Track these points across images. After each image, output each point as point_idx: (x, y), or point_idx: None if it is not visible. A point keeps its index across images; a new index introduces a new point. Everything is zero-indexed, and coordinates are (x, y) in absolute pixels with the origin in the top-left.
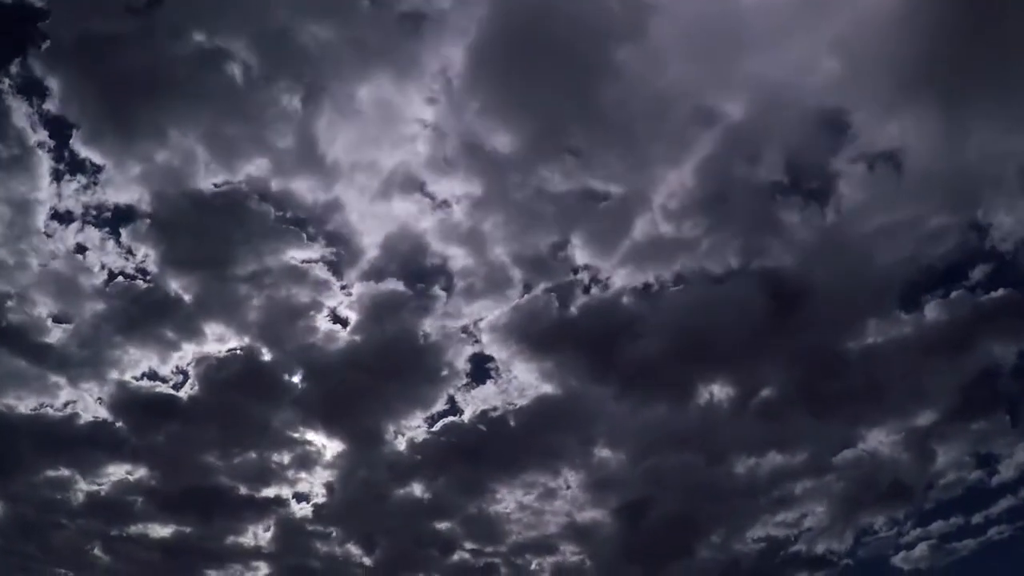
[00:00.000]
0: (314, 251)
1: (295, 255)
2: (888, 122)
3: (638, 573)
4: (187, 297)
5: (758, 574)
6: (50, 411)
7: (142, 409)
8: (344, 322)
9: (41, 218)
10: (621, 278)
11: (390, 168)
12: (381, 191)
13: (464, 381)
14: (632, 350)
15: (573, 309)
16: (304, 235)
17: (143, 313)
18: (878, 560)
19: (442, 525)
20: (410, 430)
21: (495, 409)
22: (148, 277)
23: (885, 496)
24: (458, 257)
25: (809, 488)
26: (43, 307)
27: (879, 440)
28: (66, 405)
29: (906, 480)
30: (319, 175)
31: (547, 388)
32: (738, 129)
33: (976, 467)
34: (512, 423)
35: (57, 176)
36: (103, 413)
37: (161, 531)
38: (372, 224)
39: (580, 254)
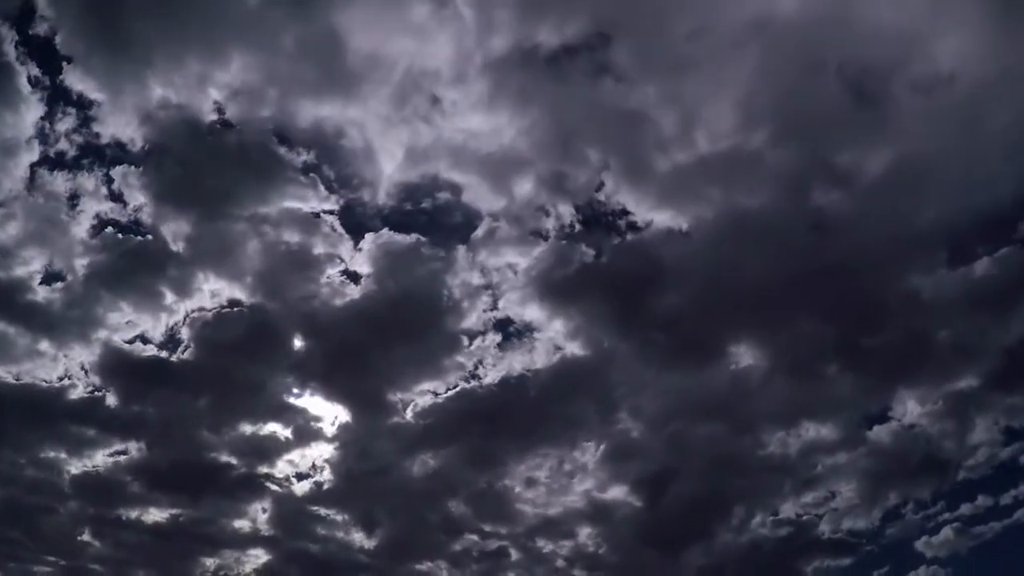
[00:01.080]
0: (322, 194)
1: (301, 199)
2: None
3: (655, 558)
4: (182, 246)
5: (778, 559)
6: (35, 380)
7: (133, 376)
8: (353, 276)
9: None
10: (656, 218)
11: (409, 94)
12: (398, 116)
13: (481, 342)
14: (663, 302)
15: (603, 254)
16: (313, 176)
17: (135, 267)
18: (901, 544)
19: (451, 504)
20: (420, 396)
21: (513, 374)
22: (142, 227)
23: (917, 471)
24: (480, 196)
25: (839, 464)
26: (29, 264)
27: (915, 410)
28: (53, 372)
29: (940, 455)
30: (331, 98)
31: (570, 348)
32: (794, 40)
33: (1006, 443)
34: (531, 389)
35: (48, 115)
36: (93, 380)
37: (155, 514)
38: (386, 161)
39: (614, 188)
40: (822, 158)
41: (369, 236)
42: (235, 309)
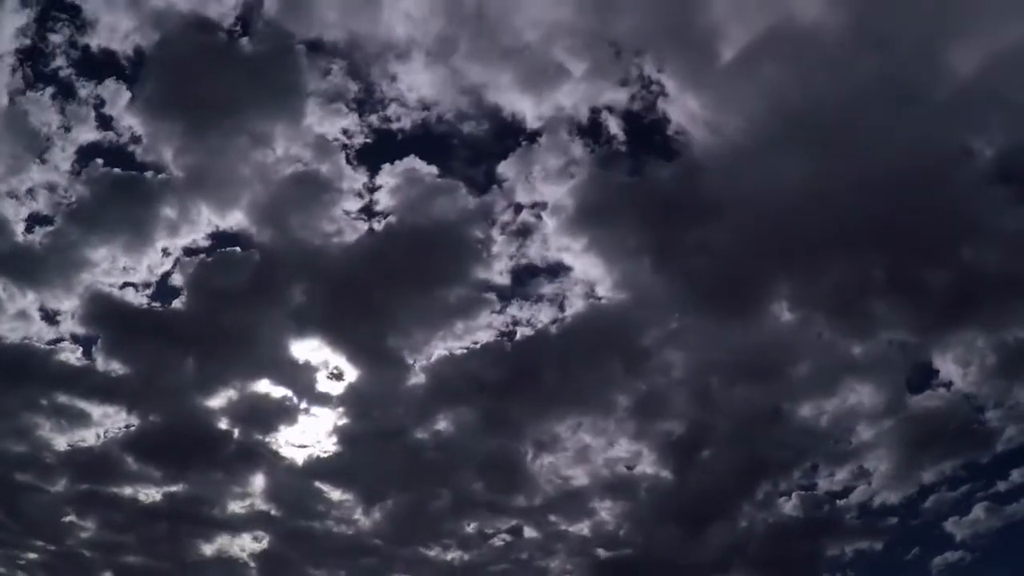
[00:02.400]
0: (341, 112)
1: (317, 118)
2: None
3: (678, 535)
4: (179, 174)
5: (802, 540)
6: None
7: (124, 331)
8: (367, 212)
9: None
10: (709, 136)
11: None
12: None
13: (505, 291)
14: (706, 233)
15: (647, 176)
16: (333, 92)
17: (126, 200)
18: (931, 526)
19: (463, 476)
20: (434, 351)
21: (537, 326)
22: (134, 152)
23: (955, 438)
24: (516, 115)
25: (875, 434)
26: (10, 205)
27: (957, 372)
28: (33, 328)
29: (980, 421)
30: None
31: (602, 290)
32: None
33: None
34: (556, 344)
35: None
36: (79, 333)
37: (149, 493)
38: (416, 77)
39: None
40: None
41: (387, 167)
42: (234, 249)
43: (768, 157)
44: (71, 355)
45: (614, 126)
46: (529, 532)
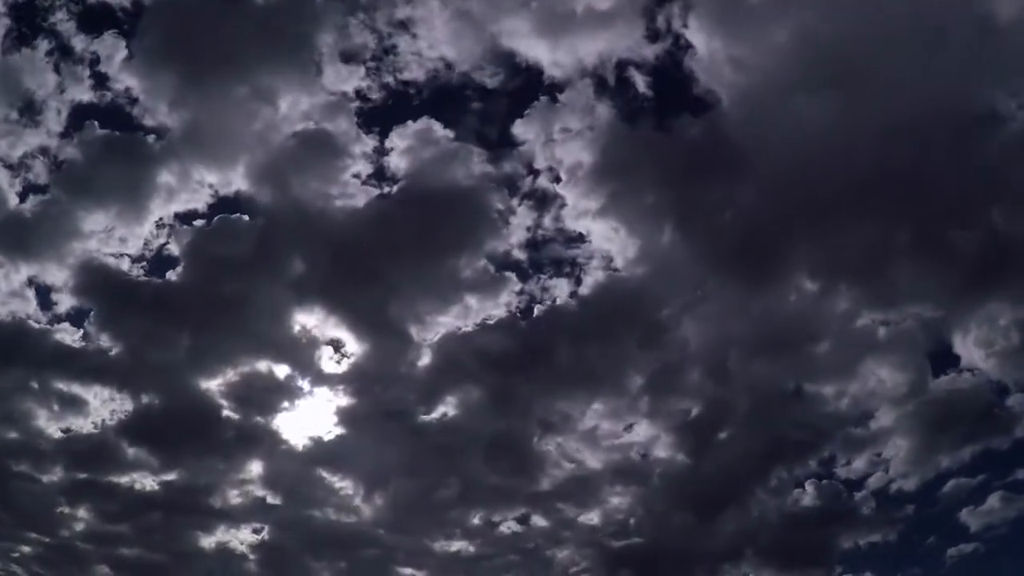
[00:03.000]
0: (351, 68)
1: (326, 74)
2: None
3: (690, 523)
4: (178, 135)
5: (816, 529)
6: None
7: (118, 304)
8: (377, 176)
9: None
10: (733, 78)
11: None
12: None
13: (519, 263)
14: (732, 193)
15: (673, 132)
16: (344, 44)
17: (121, 163)
18: (946, 515)
19: (469, 462)
20: (442, 327)
21: (553, 301)
22: (131, 112)
23: (974, 423)
24: (538, 67)
25: (895, 418)
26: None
27: (978, 353)
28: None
29: (1000, 404)
30: None
31: (620, 259)
32: None
33: None
34: (572, 319)
35: None
36: (70, 304)
37: (146, 480)
38: (433, 30)
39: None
40: None
41: (400, 128)
42: (234, 216)
43: (793, 100)
44: (64, 334)
45: (637, 77)
46: (538, 521)
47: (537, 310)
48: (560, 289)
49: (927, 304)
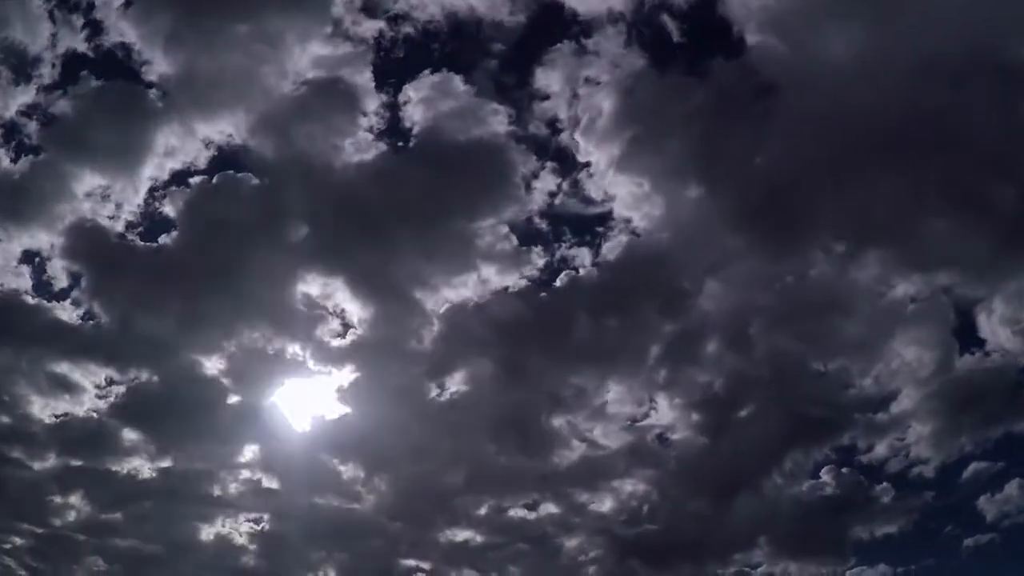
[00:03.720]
0: (361, 13)
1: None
2: None
3: (705, 508)
4: (176, 86)
5: (833, 514)
6: None
7: (109, 271)
8: (390, 133)
9: None
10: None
11: None
12: None
13: (537, 227)
14: (759, 139)
15: (707, 76)
16: None
17: (116, 117)
18: (964, 503)
19: (477, 443)
20: (453, 295)
21: (573, 265)
22: (125, 62)
23: (997, 406)
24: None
25: (918, 397)
26: None
27: (1006, 330)
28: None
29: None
30: None
31: (642, 218)
32: None
33: None
34: (589, 288)
35: None
36: (60, 271)
37: (139, 466)
38: None
39: None
40: None
41: (416, 79)
42: (235, 173)
43: (825, 34)
44: (58, 309)
45: (668, 21)
46: (548, 507)
47: (555, 279)
48: (581, 257)
49: (957, 269)
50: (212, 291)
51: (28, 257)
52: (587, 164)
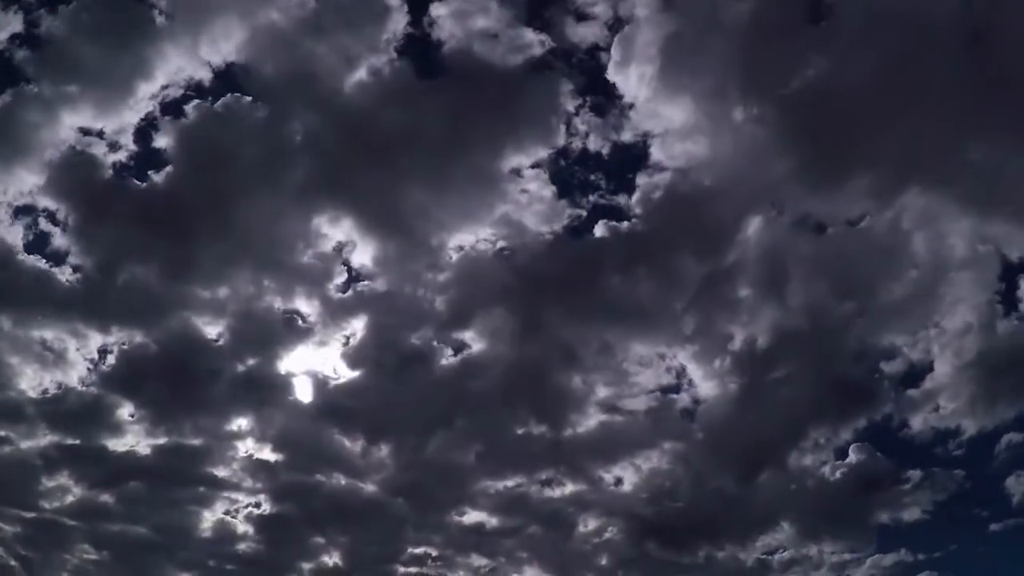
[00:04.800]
0: None
1: None
2: None
3: (730, 483)
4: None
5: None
6: None
7: (96, 211)
8: (411, 51)
9: None
10: None
11: None
12: None
13: (561, 160)
14: (815, 62)
15: None
16: None
17: (108, 36)
18: (991, 484)
19: (491, 410)
20: (469, 239)
21: (602, 213)
22: None
23: None
24: None
25: (954, 367)
26: None
27: None
28: None
29: None
30: None
31: (685, 143)
32: None
33: None
34: (622, 235)
35: None
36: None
37: (133, 443)
38: None
39: None
40: None
41: None
42: (234, 98)
43: None
44: (37, 260)
45: None
46: (565, 487)
47: (584, 225)
48: (614, 203)
49: (1009, 215)
50: (210, 235)
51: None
52: (625, 96)
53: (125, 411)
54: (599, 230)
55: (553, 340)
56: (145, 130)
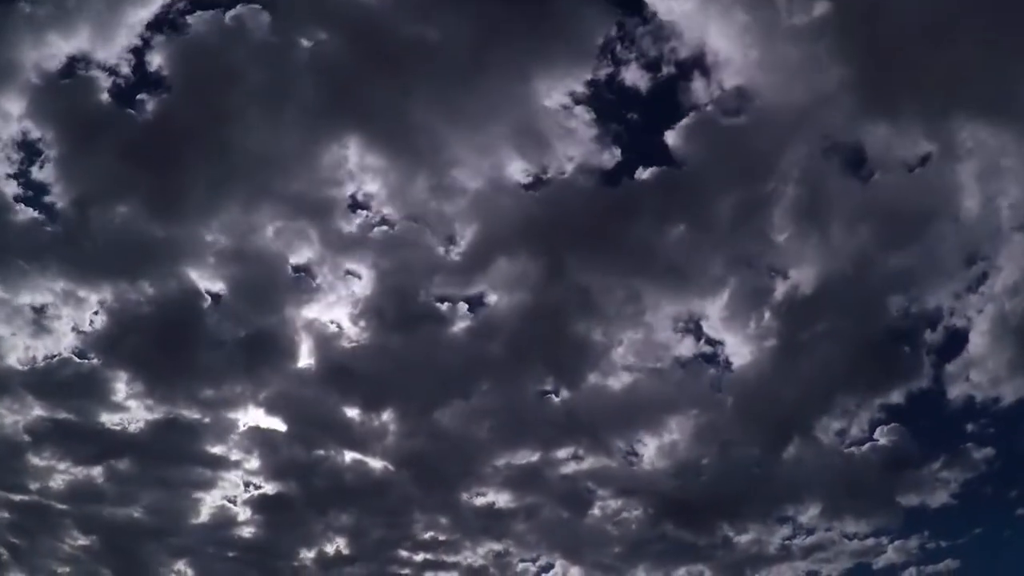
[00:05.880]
0: None
1: None
2: None
3: (756, 456)
4: None
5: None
6: None
7: (83, 141)
8: None
9: None
10: None
11: None
12: None
13: (605, 91)
14: None
15: None
16: None
17: None
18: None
19: (509, 375)
20: (495, 175)
21: (642, 150)
22: None
23: None
24: None
25: (993, 324)
26: None
27: None
28: None
29: None
30: None
31: (727, 84)
32: None
33: None
34: (660, 175)
35: None
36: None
37: (125, 417)
38: None
39: None
40: None
41: None
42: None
43: None
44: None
45: None
46: (582, 463)
47: (619, 164)
48: (654, 138)
49: None
50: (205, 164)
51: None
52: (666, 15)
53: (117, 379)
54: (634, 169)
55: (577, 291)
56: (141, 51)
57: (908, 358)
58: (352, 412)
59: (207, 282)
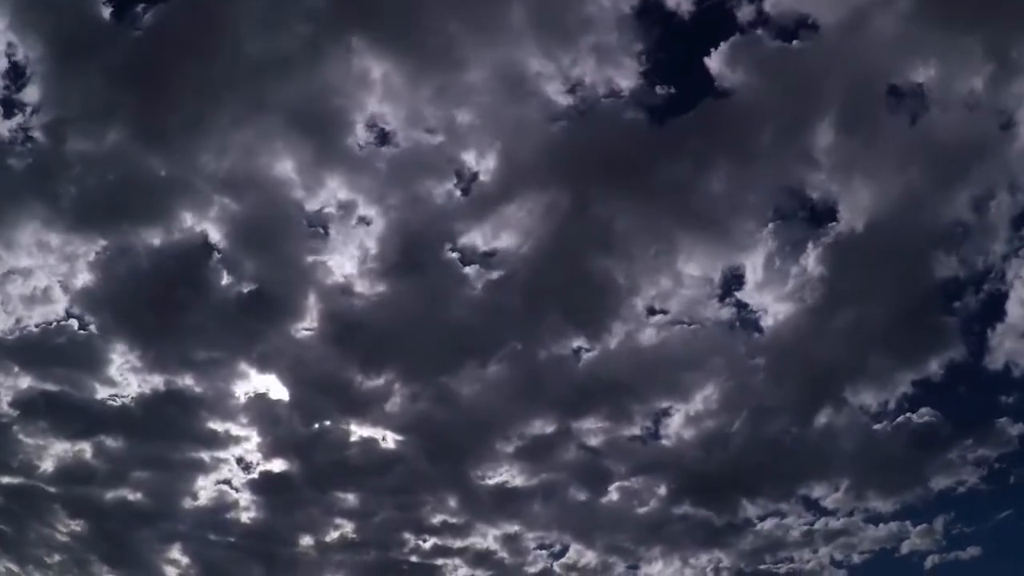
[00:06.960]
0: None
1: None
2: None
3: (783, 424)
4: None
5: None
6: None
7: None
8: None
9: None
10: None
11: None
12: None
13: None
14: None
15: None
16: None
17: None
18: None
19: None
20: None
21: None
22: None
23: None
24: None
25: None
26: None
27: None
28: None
29: None
30: None
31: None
32: None
33: None
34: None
35: None
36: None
37: (120, 391)
38: None
39: None
40: None
41: None
42: None
43: None
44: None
45: None
46: (599, 437)
47: (663, 90)
48: (703, 65)
49: None
50: (205, 82)
51: None
52: None
53: (109, 349)
54: (676, 101)
55: (603, 232)
56: None
57: (947, 323)
58: (358, 377)
59: (205, 222)
